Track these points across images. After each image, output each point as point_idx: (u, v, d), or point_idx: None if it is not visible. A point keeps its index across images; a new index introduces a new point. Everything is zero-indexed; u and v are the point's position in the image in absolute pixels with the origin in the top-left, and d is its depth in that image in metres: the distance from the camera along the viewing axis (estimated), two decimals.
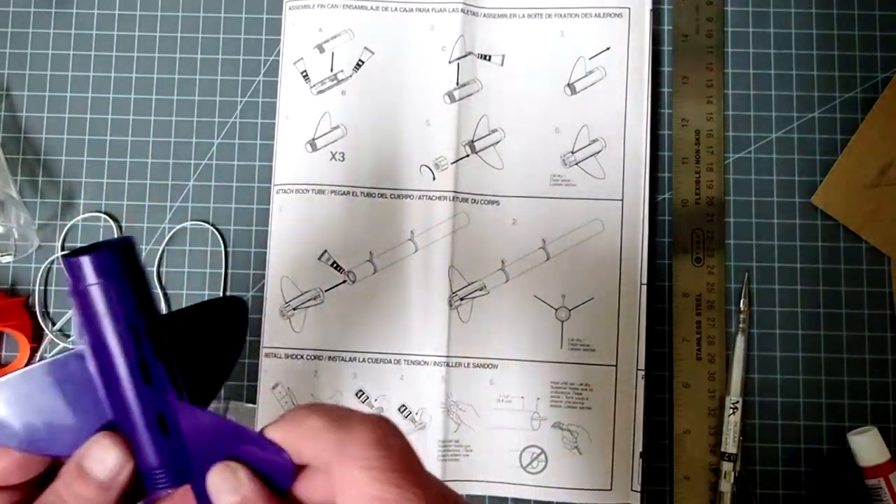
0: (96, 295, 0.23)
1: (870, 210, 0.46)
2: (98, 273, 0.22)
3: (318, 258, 0.46)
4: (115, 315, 0.23)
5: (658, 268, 0.47)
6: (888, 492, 0.42)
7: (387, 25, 0.47)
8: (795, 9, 0.48)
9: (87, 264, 0.22)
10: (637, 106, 0.46)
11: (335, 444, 0.21)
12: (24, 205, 0.47)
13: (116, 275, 0.23)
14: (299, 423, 0.22)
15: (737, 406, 0.44)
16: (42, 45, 0.49)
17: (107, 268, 0.23)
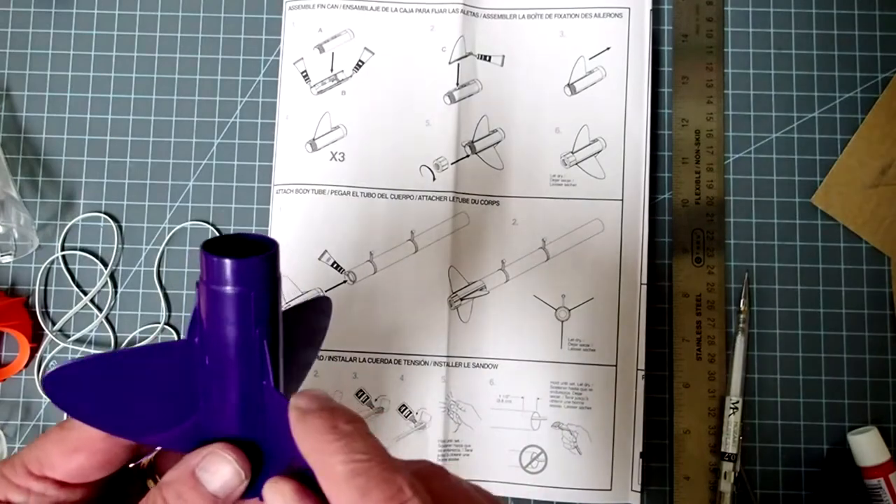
0: (232, 299, 0.22)
1: (870, 210, 0.46)
2: (241, 280, 0.22)
3: (318, 258, 0.46)
4: (245, 320, 0.22)
5: (658, 268, 0.47)
6: (888, 492, 0.42)
7: (387, 26, 0.47)
8: (795, 9, 0.48)
9: (231, 268, 0.22)
10: (637, 106, 0.46)
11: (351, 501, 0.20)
12: (24, 205, 0.47)
13: (258, 283, 0.22)
14: (325, 461, 0.21)
15: (737, 406, 0.44)
16: (42, 45, 0.49)
17: (251, 276, 0.22)
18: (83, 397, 0.24)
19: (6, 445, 0.46)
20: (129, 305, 0.47)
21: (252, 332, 0.22)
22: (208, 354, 0.23)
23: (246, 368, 0.23)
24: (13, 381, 0.46)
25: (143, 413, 0.24)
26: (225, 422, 0.24)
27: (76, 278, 0.47)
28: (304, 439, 0.22)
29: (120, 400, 0.24)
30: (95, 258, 0.47)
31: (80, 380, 0.24)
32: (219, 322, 0.22)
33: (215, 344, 0.23)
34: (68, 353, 0.47)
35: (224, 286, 0.22)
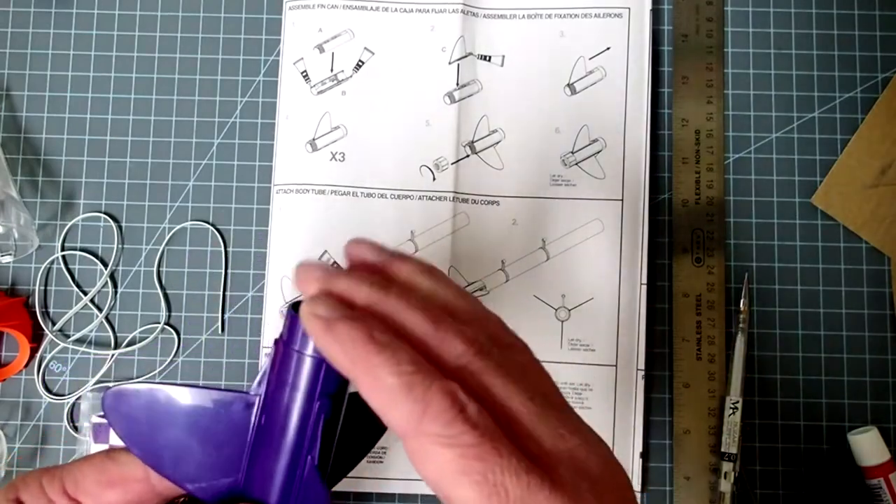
0: (308, 364, 0.22)
1: (870, 210, 0.46)
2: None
3: (318, 258, 0.46)
4: (312, 388, 0.22)
5: (658, 268, 0.47)
6: (888, 492, 0.42)
7: (387, 26, 0.47)
8: (795, 9, 0.48)
9: None
10: (637, 106, 0.46)
11: (413, 414, 0.19)
12: (24, 205, 0.47)
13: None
14: (373, 373, 0.20)
15: (737, 406, 0.44)
16: (42, 45, 0.49)
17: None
18: (137, 422, 0.24)
19: (6, 445, 0.46)
20: (129, 305, 0.47)
21: (314, 401, 0.22)
22: (266, 414, 0.23)
23: (298, 439, 0.23)
24: (13, 381, 0.46)
25: (188, 456, 0.24)
26: (263, 488, 0.24)
27: (76, 278, 0.47)
28: (339, 352, 0.21)
29: (171, 436, 0.24)
30: (95, 258, 0.47)
31: (138, 404, 0.24)
32: (288, 384, 0.23)
33: (277, 406, 0.23)
34: (68, 353, 0.47)
35: (305, 350, 0.22)
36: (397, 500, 0.45)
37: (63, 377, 0.47)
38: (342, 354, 0.20)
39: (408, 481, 0.44)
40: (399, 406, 0.20)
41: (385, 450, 0.44)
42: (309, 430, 0.23)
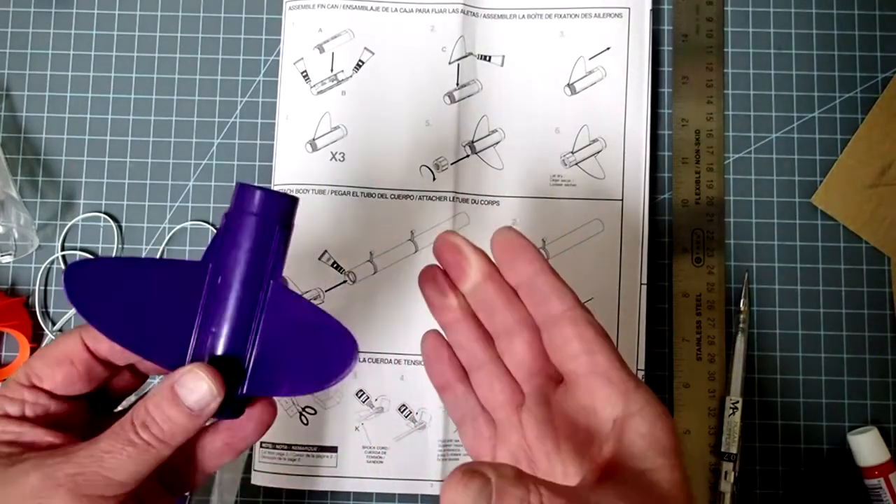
0: (255, 223, 0.27)
1: (870, 210, 0.46)
2: (266, 208, 0.27)
3: (318, 258, 0.46)
4: (262, 245, 0.27)
5: (658, 268, 0.47)
6: (888, 492, 0.42)
7: (387, 26, 0.47)
8: (795, 9, 0.48)
9: (260, 197, 0.27)
10: (637, 106, 0.46)
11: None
12: (24, 205, 0.47)
13: (279, 217, 0.27)
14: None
15: (737, 406, 0.44)
16: (42, 45, 0.49)
17: (275, 209, 0.27)
18: (95, 294, 0.27)
19: None
20: None
21: (265, 254, 0.27)
22: (221, 275, 0.27)
23: (250, 290, 0.27)
24: None
25: (145, 326, 0.27)
26: (215, 342, 0.27)
27: None
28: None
29: (128, 308, 0.27)
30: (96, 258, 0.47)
31: (97, 276, 0.27)
32: (237, 245, 0.27)
33: (229, 266, 0.27)
34: None
35: (251, 212, 0.26)
36: (397, 500, 0.45)
37: None
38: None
39: (408, 481, 0.44)
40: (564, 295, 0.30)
41: (385, 449, 0.44)
42: (270, 259, 0.27)
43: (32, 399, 0.28)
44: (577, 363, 0.28)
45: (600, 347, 0.28)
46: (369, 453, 0.44)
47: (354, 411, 0.45)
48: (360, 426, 0.45)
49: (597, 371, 0.28)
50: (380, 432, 0.45)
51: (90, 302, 0.27)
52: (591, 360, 0.28)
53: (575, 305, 0.29)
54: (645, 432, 0.26)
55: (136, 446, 0.26)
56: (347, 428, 0.45)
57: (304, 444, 0.44)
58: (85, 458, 0.26)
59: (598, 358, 0.28)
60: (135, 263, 0.28)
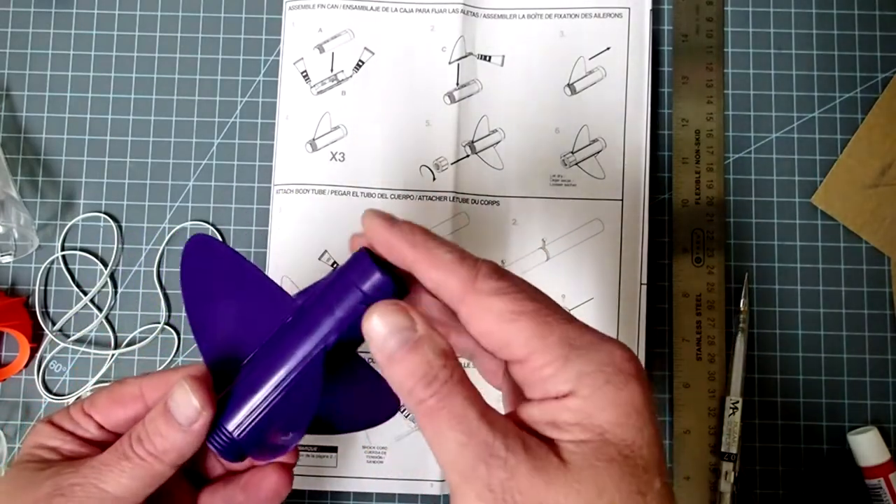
0: (358, 298, 0.26)
1: (870, 210, 0.46)
2: (373, 291, 0.26)
3: (319, 258, 0.46)
4: (350, 316, 0.26)
5: (658, 268, 0.47)
6: (888, 492, 0.42)
7: (387, 26, 0.47)
8: (795, 9, 0.48)
9: (376, 281, 0.25)
10: (637, 106, 0.46)
11: (468, 278, 0.23)
12: (24, 205, 0.47)
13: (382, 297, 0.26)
14: (431, 252, 0.24)
15: (737, 406, 0.44)
16: (42, 45, 0.49)
17: (381, 293, 0.26)
18: (199, 275, 0.28)
19: (6, 445, 0.46)
20: (129, 305, 0.47)
21: (347, 321, 0.26)
22: (300, 320, 0.26)
23: (313, 346, 0.26)
24: (13, 381, 0.46)
25: (216, 324, 0.28)
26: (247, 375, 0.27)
27: (76, 278, 0.47)
28: (402, 241, 0.24)
29: (215, 299, 0.28)
30: (95, 258, 0.47)
31: (211, 259, 0.28)
32: (329, 308, 0.26)
33: (309, 319, 0.26)
34: (68, 353, 0.47)
35: (359, 287, 0.25)
36: (397, 500, 0.45)
37: (63, 377, 0.47)
38: (404, 242, 0.24)
39: (408, 481, 0.44)
40: (456, 272, 0.23)
41: (385, 449, 0.44)
42: (347, 325, 0.26)
43: (85, 424, 0.30)
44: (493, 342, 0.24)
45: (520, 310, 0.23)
46: (369, 453, 0.44)
47: None
48: None
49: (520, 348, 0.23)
50: (380, 432, 0.45)
51: (191, 275, 0.28)
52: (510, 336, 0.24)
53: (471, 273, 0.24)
54: (574, 407, 0.22)
55: (130, 460, 0.27)
56: None
57: (304, 444, 0.44)
58: (87, 470, 0.27)
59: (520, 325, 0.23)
60: (243, 265, 0.28)
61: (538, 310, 0.23)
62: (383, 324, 0.23)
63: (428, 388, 0.22)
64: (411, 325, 0.23)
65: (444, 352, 0.23)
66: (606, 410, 0.22)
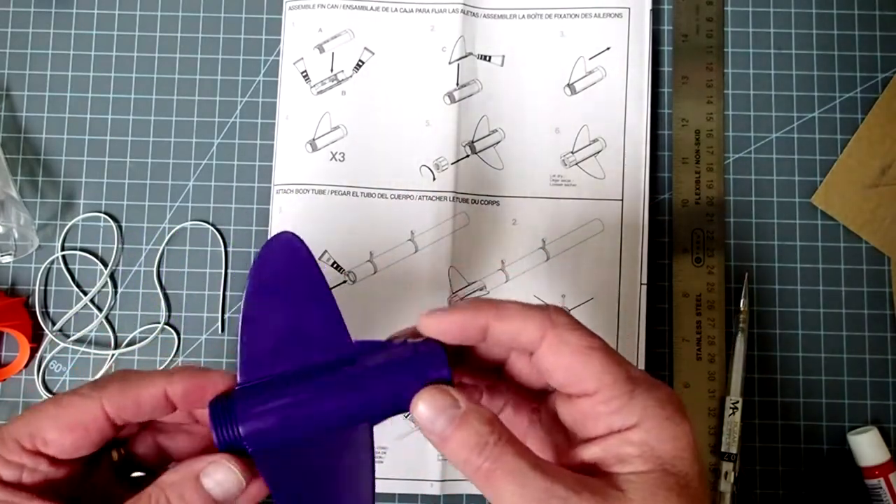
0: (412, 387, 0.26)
1: (870, 210, 0.46)
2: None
3: (318, 258, 0.46)
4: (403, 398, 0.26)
5: (658, 268, 0.47)
6: (888, 492, 0.42)
7: (387, 26, 0.47)
8: (795, 9, 0.48)
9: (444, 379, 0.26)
10: (637, 106, 0.46)
11: (544, 318, 0.26)
12: (24, 205, 0.47)
13: None
14: (500, 309, 0.26)
15: (737, 406, 0.44)
16: (42, 45, 0.49)
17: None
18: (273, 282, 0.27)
19: None
20: (129, 305, 0.47)
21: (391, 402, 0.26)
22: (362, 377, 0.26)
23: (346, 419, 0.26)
24: (13, 381, 0.46)
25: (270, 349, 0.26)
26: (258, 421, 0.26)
27: (76, 278, 0.47)
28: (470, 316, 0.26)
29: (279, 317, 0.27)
30: (95, 258, 0.47)
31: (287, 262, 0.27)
32: (380, 390, 0.26)
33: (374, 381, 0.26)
34: (68, 353, 0.47)
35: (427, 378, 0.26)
36: (397, 500, 0.45)
37: (63, 377, 0.47)
38: (471, 312, 0.26)
39: (408, 481, 0.44)
40: (532, 317, 0.26)
41: (385, 449, 0.44)
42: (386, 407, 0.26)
43: (32, 465, 0.25)
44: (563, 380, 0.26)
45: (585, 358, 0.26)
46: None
47: None
48: None
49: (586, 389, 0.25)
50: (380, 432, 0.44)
51: (264, 268, 0.27)
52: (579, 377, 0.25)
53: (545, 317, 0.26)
54: (637, 440, 0.24)
55: None
56: None
57: None
58: None
59: (587, 371, 0.25)
60: (319, 279, 0.27)
61: (606, 346, 0.26)
62: (429, 407, 0.25)
63: (480, 455, 0.24)
64: (455, 404, 0.25)
65: (489, 419, 0.25)
66: (667, 443, 0.24)
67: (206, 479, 0.25)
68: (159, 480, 0.25)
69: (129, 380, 0.26)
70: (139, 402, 0.26)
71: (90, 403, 0.25)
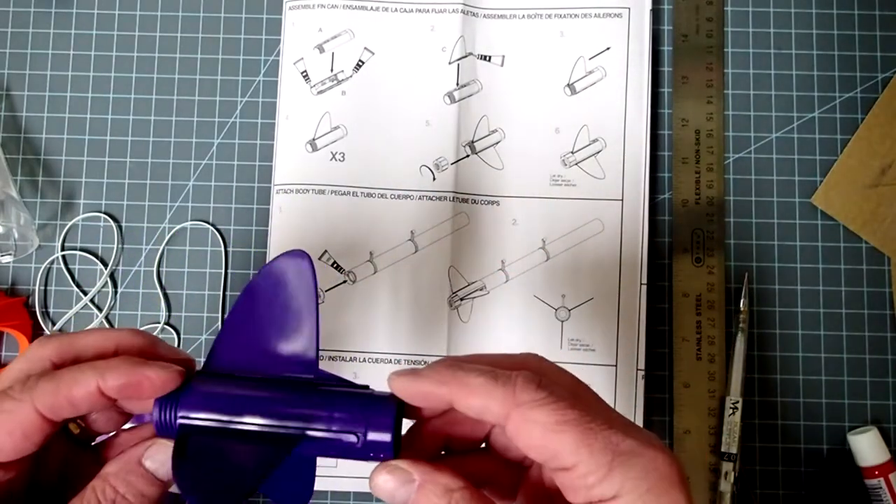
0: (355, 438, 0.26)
1: (870, 210, 0.46)
2: (379, 456, 0.26)
3: (319, 258, 0.46)
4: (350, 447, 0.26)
5: (658, 268, 0.47)
6: (888, 492, 0.42)
7: (387, 26, 0.47)
8: (795, 9, 0.48)
9: (383, 449, 0.25)
10: (637, 106, 0.46)
11: (506, 395, 0.24)
12: (24, 205, 0.47)
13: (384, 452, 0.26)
14: (461, 381, 0.24)
15: (737, 406, 0.44)
16: (42, 45, 0.49)
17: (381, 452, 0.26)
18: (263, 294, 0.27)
19: None
20: (129, 305, 0.47)
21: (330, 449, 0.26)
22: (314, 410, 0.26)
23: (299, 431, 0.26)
24: None
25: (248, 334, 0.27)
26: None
27: (76, 278, 0.47)
28: (433, 382, 0.25)
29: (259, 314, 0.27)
30: (95, 258, 0.47)
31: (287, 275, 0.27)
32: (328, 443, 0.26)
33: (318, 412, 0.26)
34: None
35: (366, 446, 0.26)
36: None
37: None
38: (435, 386, 0.25)
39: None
40: (493, 394, 0.24)
41: None
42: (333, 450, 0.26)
43: None
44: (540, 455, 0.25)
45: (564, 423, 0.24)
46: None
47: None
48: None
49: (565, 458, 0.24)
50: None
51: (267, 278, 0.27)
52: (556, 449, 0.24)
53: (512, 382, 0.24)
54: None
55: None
56: None
57: None
58: None
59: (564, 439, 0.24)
60: (311, 299, 0.27)
61: (580, 417, 0.24)
62: (385, 484, 0.25)
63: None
64: (410, 476, 0.24)
65: (446, 487, 0.24)
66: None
67: (148, 460, 0.25)
68: (102, 472, 0.25)
69: (60, 380, 0.25)
70: (73, 401, 0.25)
71: (22, 408, 0.25)
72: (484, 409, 0.24)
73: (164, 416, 0.26)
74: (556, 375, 0.25)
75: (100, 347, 0.27)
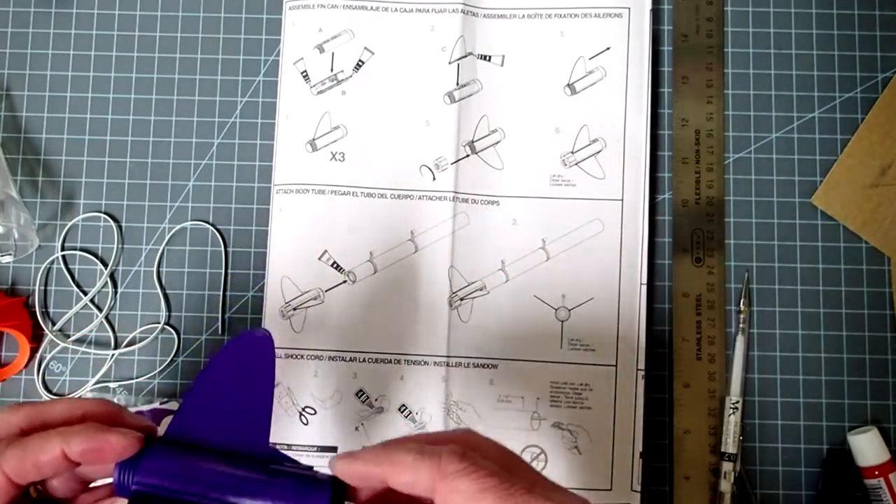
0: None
1: (870, 210, 0.46)
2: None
3: (318, 258, 0.46)
4: None
5: (658, 268, 0.47)
6: (888, 492, 0.42)
7: (387, 26, 0.47)
8: (795, 9, 0.48)
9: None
10: (637, 106, 0.46)
11: (432, 468, 0.25)
12: (24, 205, 0.47)
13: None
14: (393, 460, 0.26)
15: (737, 406, 0.44)
16: (42, 45, 0.49)
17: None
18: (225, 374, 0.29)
19: None
20: (129, 305, 0.47)
21: None
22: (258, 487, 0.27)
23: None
24: (13, 381, 0.46)
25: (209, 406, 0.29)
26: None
27: (76, 278, 0.47)
28: (368, 464, 0.27)
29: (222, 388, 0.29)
30: (95, 258, 0.47)
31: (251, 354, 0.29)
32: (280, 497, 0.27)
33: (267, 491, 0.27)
34: (68, 353, 0.47)
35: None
36: None
37: (63, 377, 0.47)
38: (370, 467, 0.26)
39: None
40: (420, 469, 0.25)
41: None
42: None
43: None
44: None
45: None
46: None
47: (354, 411, 0.45)
48: (360, 426, 0.45)
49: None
50: (380, 432, 0.45)
51: (231, 354, 0.29)
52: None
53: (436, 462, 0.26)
54: None
55: None
56: (347, 428, 0.45)
57: (304, 444, 0.44)
58: None
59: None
60: (269, 380, 0.29)
61: (499, 484, 0.25)
62: None
63: None
64: None
65: None
66: None
67: None
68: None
69: (26, 445, 0.26)
70: (39, 466, 0.26)
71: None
72: (414, 483, 0.26)
73: (122, 478, 0.27)
74: (484, 448, 0.27)
75: (67, 415, 0.28)
